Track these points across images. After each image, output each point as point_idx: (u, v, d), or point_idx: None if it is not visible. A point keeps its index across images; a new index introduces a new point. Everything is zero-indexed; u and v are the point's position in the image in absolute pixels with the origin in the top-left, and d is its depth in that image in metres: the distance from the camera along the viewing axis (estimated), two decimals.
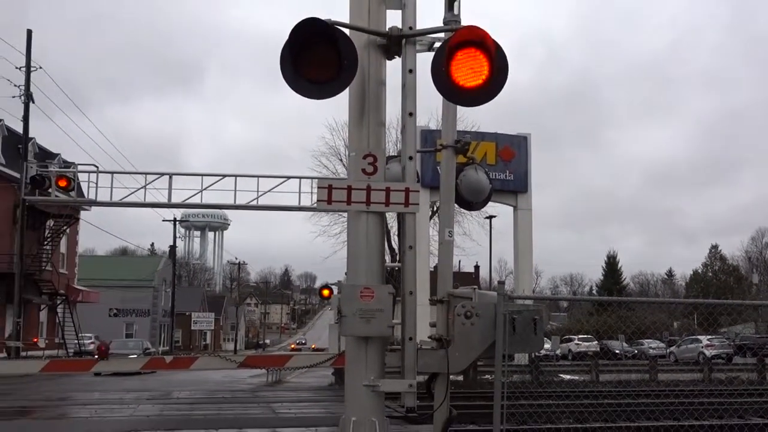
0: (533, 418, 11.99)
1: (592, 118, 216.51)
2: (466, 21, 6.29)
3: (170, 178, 32.32)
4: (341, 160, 44.59)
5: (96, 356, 37.09)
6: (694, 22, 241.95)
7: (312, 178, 34.09)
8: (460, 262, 70.73)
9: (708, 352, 41.42)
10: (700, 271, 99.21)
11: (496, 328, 6.44)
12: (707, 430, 11.38)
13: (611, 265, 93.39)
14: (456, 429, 11.41)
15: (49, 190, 32.54)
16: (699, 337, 45.20)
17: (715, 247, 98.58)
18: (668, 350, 49.18)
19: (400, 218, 6.77)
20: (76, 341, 45.91)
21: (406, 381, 5.62)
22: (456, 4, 6.61)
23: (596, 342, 51.94)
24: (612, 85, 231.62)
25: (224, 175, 32.17)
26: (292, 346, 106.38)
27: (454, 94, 5.74)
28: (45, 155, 45.77)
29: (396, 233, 38.95)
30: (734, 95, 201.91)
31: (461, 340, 6.30)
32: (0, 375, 19.63)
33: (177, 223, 69.95)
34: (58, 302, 45.42)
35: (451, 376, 6.64)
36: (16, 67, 36.23)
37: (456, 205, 7.97)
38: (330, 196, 5.56)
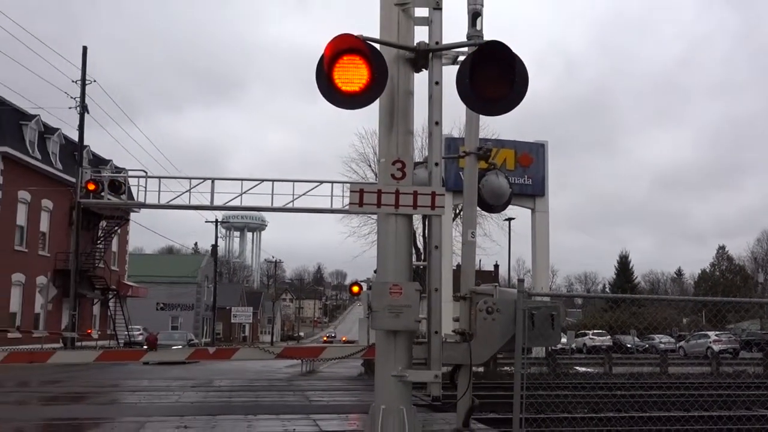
0: (550, 407, 11.90)
1: (606, 125, 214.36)
2: (488, 35, 6.28)
3: (213, 182, 32.56)
4: (370, 165, 44.67)
5: (145, 347, 37.50)
6: (705, 30, 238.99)
7: (344, 182, 34.21)
8: (481, 261, 70.39)
9: (716, 347, 40.80)
10: (708, 270, 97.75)
11: (515, 323, 6.41)
12: (716, 420, 11.22)
13: (623, 265, 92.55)
14: (478, 417, 11.35)
15: (102, 194, 32.97)
16: (707, 332, 44.65)
17: (722, 248, 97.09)
18: (678, 345, 48.56)
19: (426, 220, 6.76)
20: (126, 333, 46.59)
21: (432, 372, 5.61)
22: (479, 20, 6.60)
23: (609, 337, 51.48)
24: (624, 93, 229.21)
25: (262, 180, 32.34)
26: (325, 338, 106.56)
27: (478, 104, 5.73)
28: (98, 161, 46.47)
29: (421, 234, 38.91)
30: (741, 102, 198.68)
31: (483, 334, 6.28)
32: (58, 363, 19.91)
33: (218, 224, 70.41)
34: (110, 297, 46.09)
35: (473, 368, 6.61)
36: (72, 81, 36.77)
37: (478, 208, 7.94)
38: (361, 199, 5.57)
